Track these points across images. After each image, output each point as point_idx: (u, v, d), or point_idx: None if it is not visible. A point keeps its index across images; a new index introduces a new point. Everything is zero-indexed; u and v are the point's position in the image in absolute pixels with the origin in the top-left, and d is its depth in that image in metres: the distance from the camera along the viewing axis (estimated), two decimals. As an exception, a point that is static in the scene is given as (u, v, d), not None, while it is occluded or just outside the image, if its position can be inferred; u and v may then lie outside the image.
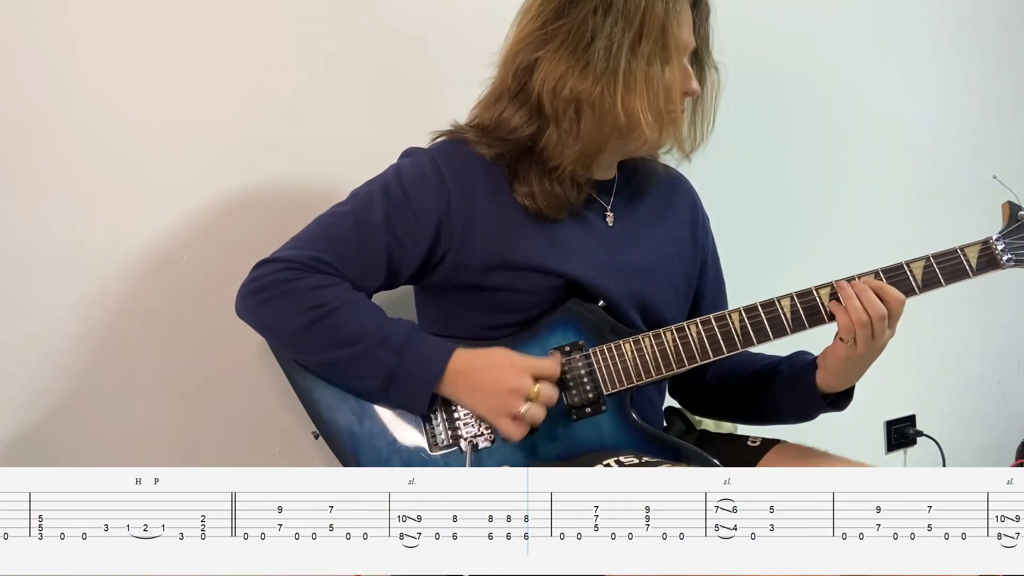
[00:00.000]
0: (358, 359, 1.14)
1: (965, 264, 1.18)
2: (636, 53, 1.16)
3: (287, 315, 1.15)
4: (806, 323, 1.19)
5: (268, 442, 1.49)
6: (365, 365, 1.14)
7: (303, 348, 1.18)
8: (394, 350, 1.14)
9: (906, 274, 1.18)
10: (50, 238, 1.34)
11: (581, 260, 1.23)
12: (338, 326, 1.14)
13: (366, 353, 1.14)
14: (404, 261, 1.20)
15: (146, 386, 1.41)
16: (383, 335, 1.14)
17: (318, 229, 1.20)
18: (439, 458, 1.18)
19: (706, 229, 1.44)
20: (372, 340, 1.14)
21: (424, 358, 1.15)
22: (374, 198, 1.20)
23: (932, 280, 1.18)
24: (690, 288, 1.38)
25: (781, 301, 1.19)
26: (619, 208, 1.31)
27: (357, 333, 1.14)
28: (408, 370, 1.14)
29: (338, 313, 1.15)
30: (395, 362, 1.13)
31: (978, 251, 1.19)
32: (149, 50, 1.40)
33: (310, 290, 1.15)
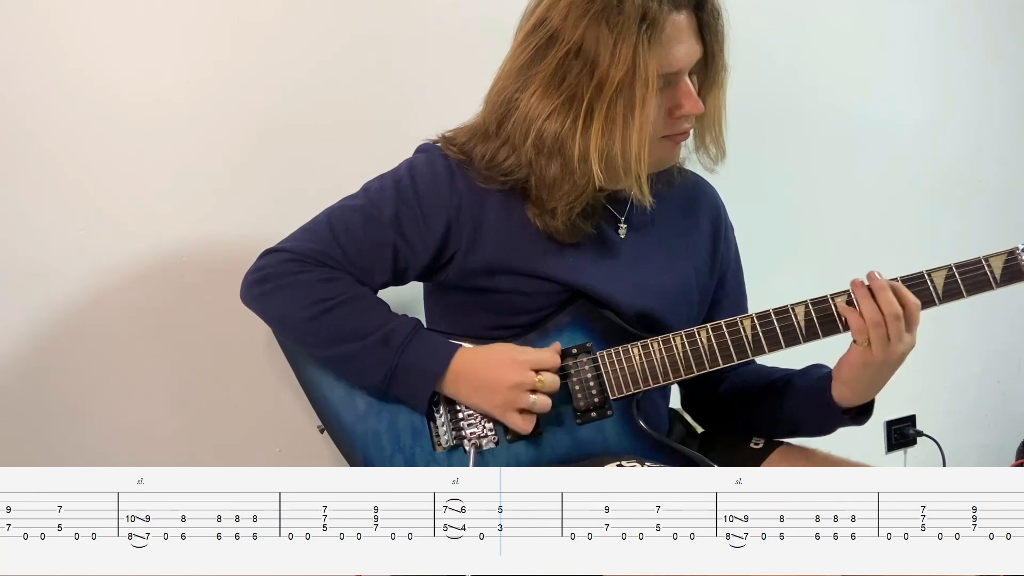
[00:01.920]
0: (360, 355, 1.14)
1: (989, 275, 1.12)
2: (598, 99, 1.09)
3: (291, 307, 1.15)
4: (820, 332, 1.15)
5: (268, 442, 1.49)
6: (367, 361, 1.14)
7: (306, 340, 1.18)
8: (396, 348, 1.14)
9: (926, 284, 1.12)
10: (50, 238, 1.34)
11: (590, 273, 1.20)
12: (341, 321, 1.14)
13: (368, 350, 1.14)
14: (411, 260, 1.20)
15: (146, 386, 1.41)
16: (386, 332, 1.14)
17: (327, 222, 1.19)
18: (443, 457, 1.18)
19: (728, 240, 1.37)
20: (374, 337, 1.14)
21: (425, 357, 1.15)
22: (385, 194, 1.19)
23: (954, 291, 1.12)
24: (704, 303, 1.33)
25: (795, 308, 1.15)
26: (634, 219, 1.26)
27: (360, 329, 1.14)
28: (408, 368, 1.14)
29: (342, 308, 1.14)
30: (396, 360, 1.13)
31: (1003, 261, 1.12)
32: (149, 49, 1.40)
33: (315, 283, 1.15)
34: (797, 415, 1.25)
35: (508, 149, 1.17)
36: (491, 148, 1.18)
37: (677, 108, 1.14)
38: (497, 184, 1.18)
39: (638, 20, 1.07)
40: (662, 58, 1.10)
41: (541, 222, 1.18)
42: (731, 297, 1.37)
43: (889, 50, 2.14)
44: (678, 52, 1.11)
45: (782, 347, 1.16)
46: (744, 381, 1.33)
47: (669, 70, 1.12)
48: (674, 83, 1.13)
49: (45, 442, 1.35)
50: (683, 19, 1.12)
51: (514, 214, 1.19)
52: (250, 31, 1.46)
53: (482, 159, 1.19)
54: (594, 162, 1.10)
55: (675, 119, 1.15)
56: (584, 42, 1.09)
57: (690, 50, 1.13)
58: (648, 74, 1.08)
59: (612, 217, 1.25)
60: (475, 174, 1.19)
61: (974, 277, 1.12)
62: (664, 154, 1.19)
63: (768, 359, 1.22)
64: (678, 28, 1.11)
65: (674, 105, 1.14)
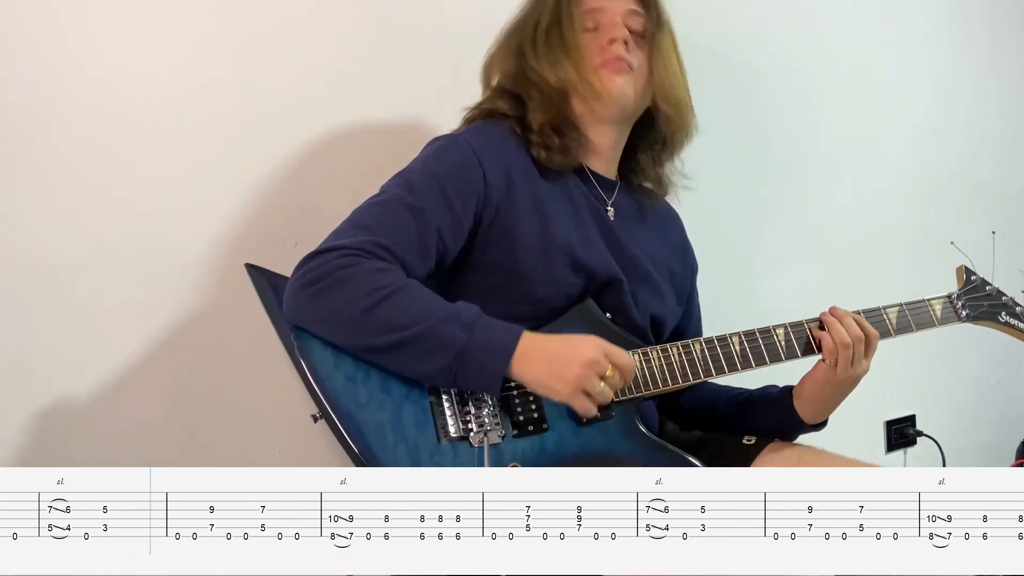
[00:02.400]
0: (426, 336, 1.10)
1: (931, 314, 1.37)
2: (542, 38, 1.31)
3: (348, 299, 1.11)
4: (798, 351, 1.29)
5: (268, 442, 1.49)
6: (434, 342, 1.10)
7: (362, 332, 1.12)
8: (464, 326, 1.11)
9: (883, 317, 1.33)
10: (50, 238, 1.35)
11: (598, 251, 1.29)
12: (403, 306, 1.11)
13: (434, 330, 1.10)
14: (450, 243, 1.21)
15: (146, 386, 1.41)
16: (452, 311, 1.12)
17: (367, 216, 1.18)
18: (447, 448, 1.15)
19: (694, 274, 1.52)
20: (440, 316, 1.11)
21: (498, 331, 1.13)
22: (416, 183, 1.20)
23: (904, 325, 1.34)
24: (681, 303, 1.44)
25: (776, 330, 1.28)
26: (619, 206, 1.37)
27: (424, 311, 1.11)
28: (481, 345, 1.11)
29: (401, 293, 1.12)
30: (466, 338, 1.10)
31: (942, 305, 1.38)
32: (150, 48, 1.40)
33: (370, 274, 1.12)
34: (760, 424, 1.36)
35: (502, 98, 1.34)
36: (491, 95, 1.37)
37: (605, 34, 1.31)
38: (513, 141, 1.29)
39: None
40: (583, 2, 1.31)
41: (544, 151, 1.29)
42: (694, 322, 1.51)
43: (889, 50, 2.15)
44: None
45: (767, 363, 1.28)
46: (701, 397, 1.43)
47: (591, 6, 1.32)
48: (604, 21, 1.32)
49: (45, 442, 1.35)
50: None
51: (534, 185, 1.28)
52: (250, 31, 1.47)
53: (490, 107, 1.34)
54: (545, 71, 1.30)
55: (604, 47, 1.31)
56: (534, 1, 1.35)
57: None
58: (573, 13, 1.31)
59: (601, 198, 1.36)
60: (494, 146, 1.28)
61: (920, 315, 1.36)
62: (606, 82, 1.30)
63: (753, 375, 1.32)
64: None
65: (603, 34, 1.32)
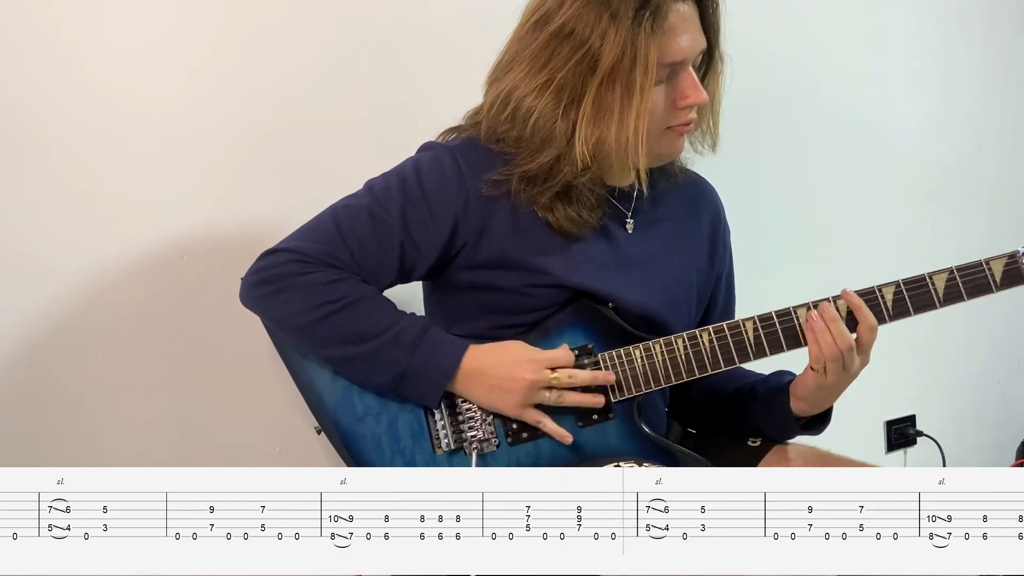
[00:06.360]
0: (369, 356, 1.13)
1: (989, 278, 1.12)
2: (588, 82, 1.11)
3: (296, 308, 1.14)
4: None
5: (268, 442, 1.49)
6: (376, 362, 1.13)
7: (312, 342, 1.17)
8: (406, 348, 1.13)
9: (928, 287, 1.13)
10: (50, 237, 1.34)
11: (596, 272, 1.20)
12: (350, 322, 1.13)
13: (377, 351, 1.13)
14: (417, 260, 1.19)
15: (146, 386, 1.41)
16: (395, 332, 1.13)
17: (332, 222, 1.17)
18: (443, 459, 1.17)
19: (726, 244, 1.39)
20: (384, 338, 1.13)
21: (436, 356, 1.14)
22: (391, 194, 1.17)
23: (954, 294, 1.13)
24: (702, 304, 1.35)
25: (797, 311, 1.16)
26: (640, 215, 1.26)
27: (369, 330, 1.13)
28: (419, 369, 1.13)
29: (350, 309, 1.13)
30: (407, 360, 1.13)
31: (1004, 264, 1.12)
32: (150, 48, 1.40)
33: (322, 285, 1.13)
34: (759, 423, 1.28)
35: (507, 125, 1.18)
36: (490, 124, 1.19)
37: (682, 98, 1.16)
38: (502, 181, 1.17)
39: (636, 6, 1.09)
40: (665, 47, 1.11)
41: (547, 214, 1.17)
42: (721, 304, 1.39)
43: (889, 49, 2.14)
44: (683, 42, 1.13)
45: (783, 350, 1.17)
46: (713, 384, 1.33)
47: (673, 59, 1.13)
48: (678, 73, 1.15)
49: (45, 441, 1.35)
50: (687, 9, 1.14)
51: (522, 210, 1.18)
52: (250, 30, 1.47)
53: (487, 131, 1.19)
54: (579, 144, 1.12)
55: (679, 109, 1.16)
56: (577, 24, 1.11)
57: (694, 40, 1.14)
58: (648, 62, 1.09)
59: (620, 213, 1.25)
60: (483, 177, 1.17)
61: (975, 280, 1.13)
62: (668, 146, 1.20)
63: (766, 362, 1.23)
64: (683, 18, 1.13)
65: (679, 95, 1.15)
